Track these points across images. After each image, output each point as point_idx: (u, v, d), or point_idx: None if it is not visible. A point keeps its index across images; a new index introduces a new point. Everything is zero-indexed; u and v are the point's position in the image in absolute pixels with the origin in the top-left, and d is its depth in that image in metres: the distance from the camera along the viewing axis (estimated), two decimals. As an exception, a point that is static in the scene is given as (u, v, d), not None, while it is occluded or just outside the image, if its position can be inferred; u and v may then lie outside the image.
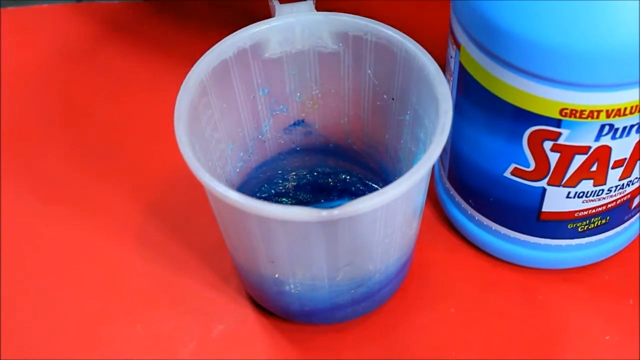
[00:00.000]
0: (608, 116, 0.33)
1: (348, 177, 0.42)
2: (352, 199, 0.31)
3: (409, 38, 0.36)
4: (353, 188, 0.42)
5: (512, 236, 0.39)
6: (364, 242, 0.34)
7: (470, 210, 0.40)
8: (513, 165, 0.36)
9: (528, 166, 0.36)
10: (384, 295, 0.39)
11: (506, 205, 0.38)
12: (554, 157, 0.35)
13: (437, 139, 0.33)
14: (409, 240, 0.37)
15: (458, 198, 0.41)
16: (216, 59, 0.36)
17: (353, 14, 0.37)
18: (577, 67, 0.32)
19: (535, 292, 0.40)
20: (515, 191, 0.37)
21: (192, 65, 0.36)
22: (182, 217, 0.43)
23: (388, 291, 0.39)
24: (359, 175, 0.42)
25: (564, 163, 0.35)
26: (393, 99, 0.38)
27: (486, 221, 0.40)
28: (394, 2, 0.51)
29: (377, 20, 0.37)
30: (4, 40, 0.52)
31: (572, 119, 0.34)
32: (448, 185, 0.41)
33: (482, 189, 0.39)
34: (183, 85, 0.35)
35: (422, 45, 0.36)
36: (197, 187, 0.34)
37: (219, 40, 0.36)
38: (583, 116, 0.33)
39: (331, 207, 0.31)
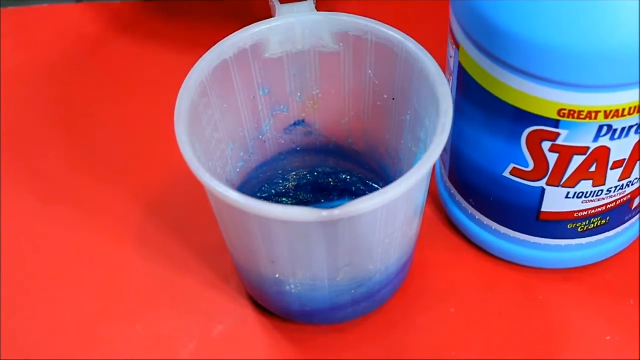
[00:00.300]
0: (606, 117, 0.33)
1: (348, 177, 0.42)
2: (353, 199, 0.31)
3: (410, 38, 0.36)
4: (353, 188, 0.42)
5: (512, 236, 0.39)
6: (365, 242, 0.34)
7: (471, 210, 0.40)
8: (512, 165, 0.36)
9: (527, 166, 0.36)
10: (385, 295, 0.39)
11: (506, 205, 0.38)
12: (552, 158, 0.35)
13: (437, 138, 0.33)
14: (409, 241, 0.37)
15: (459, 197, 0.41)
16: (217, 59, 0.36)
17: (353, 14, 0.37)
18: (575, 67, 0.32)
19: (535, 292, 0.40)
20: (514, 191, 0.37)
21: (192, 65, 0.36)
22: (182, 217, 0.43)
23: (388, 291, 0.39)
24: (360, 175, 0.42)
25: (563, 163, 0.35)
26: (393, 99, 0.38)
27: (486, 221, 0.40)
28: (394, 2, 0.51)
29: (378, 20, 0.37)
30: (4, 40, 0.52)
31: (571, 119, 0.34)
32: (449, 184, 0.41)
33: (482, 189, 0.39)
34: (183, 85, 0.35)
35: (423, 45, 0.36)
36: (198, 187, 0.34)
37: (219, 40, 0.36)
38: (581, 117, 0.33)
39: (332, 207, 0.31)
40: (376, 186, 0.42)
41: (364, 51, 0.37)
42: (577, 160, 0.35)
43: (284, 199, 0.42)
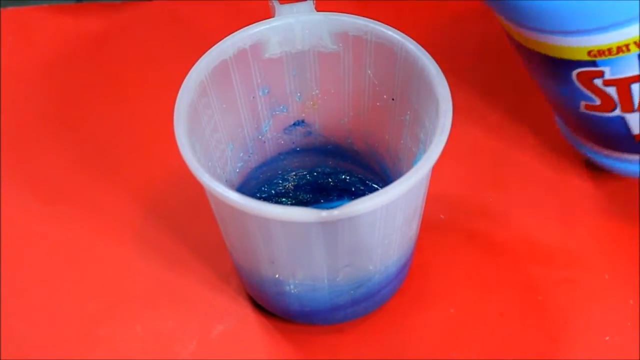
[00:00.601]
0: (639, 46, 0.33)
1: (348, 177, 0.42)
2: (352, 199, 0.31)
3: (409, 38, 0.36)
4: (353, 188, 0.42)
5: (625, 157, 0.39)
6: (364, 242, 0.34)
7: (587, 143, 0.40)
8: (583, 102, 0.36)
9: (594, 102, 0.36)
10: (384, 295, 0.39)
11: (603, 134, 0.38)
12: (612, 91, 0.35)
13: (437, 139, 0.33)
14: (408, 241, 0.37)
15: (572, 133, 0.41)
16: (216, 59, 0.36)
17: (353, 14, 0.37)
18: (587, 14, 0.32)
19: (535, 292, 0.40)
20: (599, 123, 0.37)
21: (191, 66, 0.36)
22: (182, 217, 0.43)
23: (388, 292, 0.39)
24: (359, 176, 0.42)
25: (625, 93, 0.35)
26: (393, 99, 0.38)
27: (597, 148, 0.40)
28: (394, 2, 0.51)
29: (377, 20, 0.37)
30: (4, 40, 0.52)
31: (604, 57, 0.34)
32: (563, 122, 0.41)
33: (577, 125, 0.39)
34: (183, 85, 0.35)
35: (423, 46, 0.36)
36: (197, 187, 0.34)
37: (219, 41, 0.36)
38: (613, 53, 0.33)
39: (331, 208, 0.31)
40: (376, 186, 0.42)
41: (364, 51, 0.37)
42: (638, 87, 0.35)
43: (284, 199, 0.42)
